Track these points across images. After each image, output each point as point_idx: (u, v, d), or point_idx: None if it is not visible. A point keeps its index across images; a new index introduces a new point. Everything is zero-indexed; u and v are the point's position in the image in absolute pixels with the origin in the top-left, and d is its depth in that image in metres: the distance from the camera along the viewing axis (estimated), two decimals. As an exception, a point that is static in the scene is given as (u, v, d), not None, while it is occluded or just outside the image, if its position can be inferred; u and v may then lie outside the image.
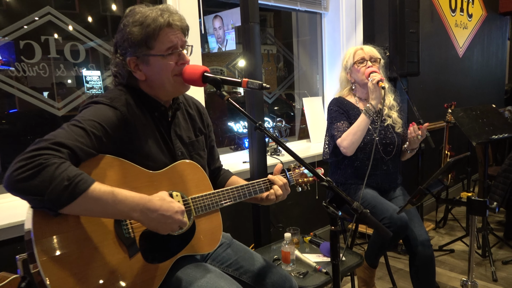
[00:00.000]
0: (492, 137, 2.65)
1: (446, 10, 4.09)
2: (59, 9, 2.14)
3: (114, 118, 1.14)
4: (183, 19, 1.25)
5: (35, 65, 2.10)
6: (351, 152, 1.99)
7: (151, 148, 1.23)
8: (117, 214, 1.05)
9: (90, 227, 1.06)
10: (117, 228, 1.11)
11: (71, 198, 0.95)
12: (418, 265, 1.90)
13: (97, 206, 0.99)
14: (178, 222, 1.11)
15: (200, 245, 1.30)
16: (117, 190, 1.02)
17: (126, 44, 1.20)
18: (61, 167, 0.95)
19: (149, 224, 1.08)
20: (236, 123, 3.40)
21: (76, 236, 1.03)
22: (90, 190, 0.97)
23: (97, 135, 1.08)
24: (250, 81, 1.14)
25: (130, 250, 1.12)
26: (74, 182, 0.95)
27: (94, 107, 1.15)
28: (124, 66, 1.23)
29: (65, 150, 0.99)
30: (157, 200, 1.08)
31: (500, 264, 2.83)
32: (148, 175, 1.20)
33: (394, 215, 1.80)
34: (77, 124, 1.07)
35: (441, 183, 1.46)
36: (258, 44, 2.05)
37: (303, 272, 1.74)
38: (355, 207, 1.03)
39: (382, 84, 1.91)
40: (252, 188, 1.40)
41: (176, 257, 1.23)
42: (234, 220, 2.51)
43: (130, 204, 1.03)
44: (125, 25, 1.20)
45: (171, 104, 1.34)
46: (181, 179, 1.28)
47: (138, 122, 1.21)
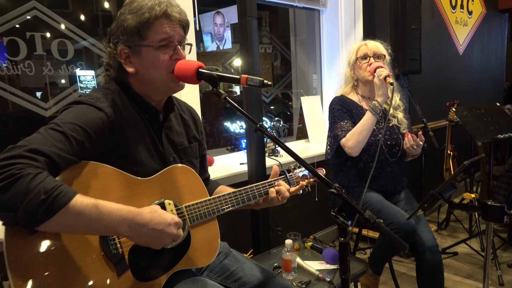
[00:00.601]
0: (497, 137, 2.56)
1: (446, 6, 4.01)
2: (52, 8, 2.06)
3: (98, 120, 1.03)
4: (183, 13, 1.15)
5: (20, 63, 1.99)
6: (356, 152, 1.89)
7: (140, 153, 1.12)
8: (102, 230, 0.94)
9: (72, 244, 0.95)
10: (103, 244, 1.00)
11: (49, 214, 0.84)
12: (426, 273, 1.80)
13: (79, 222, 0.88)
14: (171, 235, 1.00)
15: (197, 258, 1.19)
16: (101, 203, 0.91)
17: (119, 32, 1.11)
18: (36, 178, 0.83)
19: (139, 239, 0.97)
20: (232, 123, 3.30)
21: (56, 255, 0.92)
22: (70, 204, 0.86)
23: (79, 140, 0.97)
24: (250, 77, 1.04)
25: (118, 267, 1.01)
26: (52, 195, 0.84)
27: (76, 107, 1.04)
28: (115, 57, 1.13)
29: (41, 158, 0.88)
30: (147, 212, 0.98)
31: (506, 267, 2.75)
32: (137, 182, 1.09)
33: (401, 220, 1.71)
34: (55, 128, 0.95)
35: (453, 187, 1.36)
36: (256, 40, 1.95)
37: (305, 281, 1.65)
38: (367, 217, 0.93)
39: (390, 80, 1.80)
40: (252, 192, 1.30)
41: (170, 272, 1.13)
42: (231, 225, 2.41)
43: (116, 218, 0.92)
44: (121, 13, 1.12)
45: (164, 106, 1.24)
46: (173, 185, 1.17)
47: (126, 125, 1.10)
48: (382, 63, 1.95)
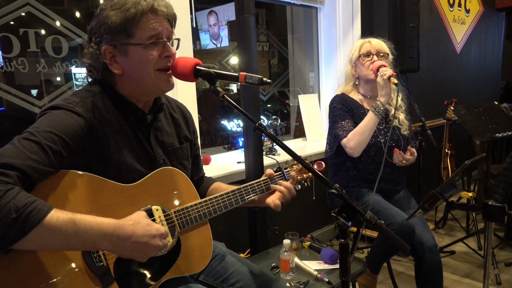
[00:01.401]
0: (496, 135, 2.55)
1: (444, 4, 4.00)
2: (47, 4, 2.03)
3: (76, 126, 0.97)
4: (169, 6, 1.08)
5: (13, 60, 1.96)
6: (358, 153, 1.86)
7: (125, 158, 1.07)
8: (81, 247, 0.90)
9: (53, 260, 0.90)
10: (86, 257, 0.95)
11: (21, 233, 0.79)
12: (425, 272, 1.79)
13: (56, 239, 0.84)
14: (156, 248, 0.96)
15: (188, 265, 1.14)
16: (79, 218, 0.86)
17: (102, 30, 1.03)
18: (6, 196, 0.79)
19: (122, 253, 0.93)
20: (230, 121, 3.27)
21: (35, 273, 0.87)
22: (45, 221, 0.81)
23: (55, 150, 0.92)
24: (249, 75, 1.01)
25: (103, 281, 0.97)
26: (24, 213, 0.79)
27: (52, 114, 0.98)
28: (99, 57, 1.05)
29: (13, 173, 0.83)
30: (129, 225, 0.93)
31: (503, 266, 2.74)
32: (122, 189, 1.04)
33: (400, 221, 1.69)
34: (29, 138, 0.90)
35: (454, 187, 1.35)
36: (254, 37, 1.92)
37: (303, 281, 1.63)
38: (368, 218, 0.91)
39: (394, 80, 1.75)
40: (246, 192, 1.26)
41: (159, 282, 1.08)
42: (228, 225, 2.39)
43: (95, 233, 0.87)
44: (102, 9, 1.03)
45: (152, 106, 1.18)
46: (161, 190, 1.12)
47: (108, 129, 1.04)
48: (385, 61, 1.92)
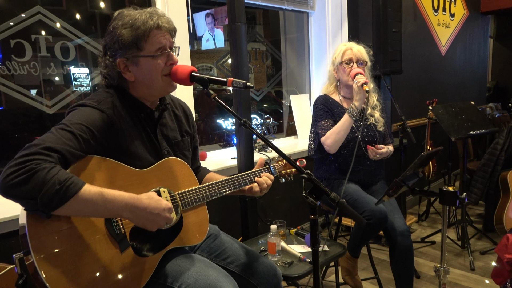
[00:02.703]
0: (470, 133, 2.76)
1: (428, 9, 4.20)
2: (46, 5, 2.14)
3: (100, 120, 1.18)
4: (170, 22, 1.31)
5: (26, 64, 2.13)
6: (334, 150, 2.08)
7: (137, 148, 1.28)
8: (107, 214, 1.11)
9: (82, 225, 1.11)
10: (108, 225, 1.16)
11: (62, 201, 1.00)
12: (398, 255, 2.00)
13: (87, 207, 1.04)
14: (165, 219, 1.17)
15: (188, 237, 1.36)
16: (106, 191, 1.07)
17: (116, 46, 1.25)
18: (52, 171, 0.99)
19: (138, 221, 1.13)
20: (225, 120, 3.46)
21: (68, 234, 1.08)
22: (80, 192, 1.02)
23: (85, 138, 1.12)
24: (235, 80, 1.21)
25: (121, 245, 1.18)
26: (65, 185, 0.99)
27: (81, 110, 1.19)
28: (114, 68, 1.27)
29: (55, 155, 1.03)
30: (145, 199, 1.13)
31: (478, 254, 2.95)
32: (136, 173, 1.25)
33: (375, 208, 1.89)
34: (65, 128, 1.11)
35: (416, 176, 1.55)
36: (245, 44, 2.12)
37: (288, 262, 1.82)
38: (332, 197, 1.11)
39: (366, 88, 1.99)
40: (237, 181, 1.46)
41: (165, 249, 1.29)
42: (222, 215, 2.58)
43: (119, 204, 1.08)
44: (115, 27, 1.25)
45: (158, 105, 1.39)
46: (168, 175, 1.33)
47: (124, 124, 1.26)
48: (363, 68, 2.13)
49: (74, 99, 2.33)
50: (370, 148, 2.07)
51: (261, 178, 1.49)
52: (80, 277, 1.08)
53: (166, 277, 1.26)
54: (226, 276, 1.29)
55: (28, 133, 2.19)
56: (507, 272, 1.97)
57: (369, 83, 2.02)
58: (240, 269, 1.46)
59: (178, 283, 1.24)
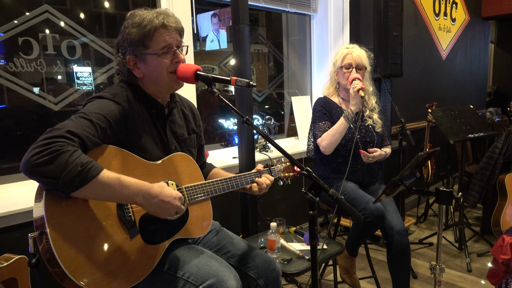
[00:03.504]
0: (468, 136, 2.80)
1: (430, 14, 4.25)
2: (51, 4, 2.19)
3: (116, 112, 1.25)
4: (178, 21, 1.36)
5: (33, 61, 2.18)
6: (329, 151, 2.14)
7: (147, 142, 1.34)
8: (122, 199, 1.16)
9: (96, 210, 1.16)
10: (119, 211, 1.22)
11: (83, 182, 1.05)
12: (395, 254, 2.04)
13: (105, 190, 1.10)
14: (176, 207, 1.22)
15: (193, 230, 1.41)
16: (123, 177, 1.13)
17: (126, 44, 1.32)
18: (74, 154, 1.05)
19: (150, 208, 1.19)
20: (226, 120, 3.51)
21: (83, 217, 1.13)
22: (100, 176, 1.07)
23: (102, 127, 1.19)
24: (239, 79, 1.26)
25: (131, 231, 1.23)
26: (86, 168, 1.05)
27: (98, 101, 1.25)
28: (125, 65, 1.34)
29: (76, 139, 1.09)
30: (158, 187, 1.19)
31: (475, 256, 2.99)
32: (146, 165, 1.31)
33: (372, 207, 1.94)
34: (84, 116, 1.17)
35: (413, 175, 1.59)
36: (248, 45, 2.16)
37: (287, 259, 1.86)
38: (331, 193, 1.15)
39: (361, 93, 2.05)
40: (240, 180, 1.52)
41: (171, 239, 1.35)
42: (223, 213, 2.62)
43: (134, 190, 1.14)
44: (126, 26, 1.32)
45: (168, 102, 1.45)
46: (175, 169, 1.39)
47: (137, 117, 1.32)
48: (361, 74, 2.17)
49: (76, 98, 2.37)
50: (362, 152, 2.12)
51: (261, 178, 1.56)
52: (92, 258, 1.12)
53: (170, 266, 1.32)
54: (227, 267, 1.33)
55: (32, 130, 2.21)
56: (502, 273, 2.00)
57: (366, 88, 2.08)
58: (240, 263, 1.50)
59: (182, 271, 1.29)
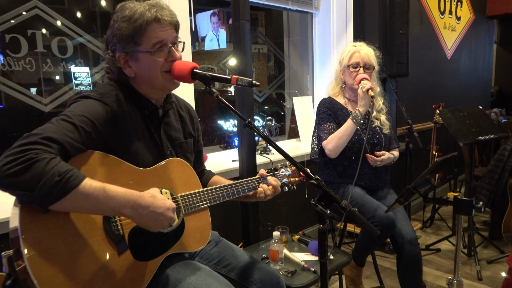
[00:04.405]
0: (478, 138, 2.69)
1: (435, 12, 4.14)
2: (48, 3, 2.10)
3: (104, 113, 1.13)
4: (173, 14, 1.22)
5: (21, 60, 2.06)
6: (335, 155, 2.01)
7: (139, 146, 1.22)
8: (108, 211, 1.04)
9: (79, 224, 1.04)
10: (106, 224, 1.09)
11: (61, 194, 0.93)
12: (405, 264, 1.92)
13: (87, 202, 0.97)
14: (169, 219, 1.10)
15: (190, 243, 1.29)
16: (108, 186, 1.01)
17: (115, 40, 1.19)
18: (51, 162, 0.93)
19: (140, 220, 1.06)
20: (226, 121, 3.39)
21: (64, 232, 1.01)
22: (81, 186, 0.95)
23: (87, 131, 1.07)
24: (240, 78, 1.14)
25: (119, 247, 1.11)
26: (65, 177, 0.93)
27: (84, 101, 1.13)
28: (114, 63, 1.22)
29: (55, 145, 0.97)
30: (149, 196, 1.07)
31: (485, 263, 2.87)
32: (137, 172, 1.19)
33: (382, 214, 1.82)
34: (66, 119, 1.04)
35: (428, 183, 1.47)
36: (249, 42, 2.05)
37: (291, 270, 1.75)
38: (343, 206, 1.03)
39: (371, 93, 1.93)
40: (242, 186, 1.40)
41: (165, 254, 1.22)
42: (222, 219, 2.50)
43: (121, 200, 1.02)
44: (115, 20, 1.19)
45: (164, 103, 1.33)
46: (170, 176, 1.27)
47: (127, 119, 1.19)
48: (369, 73, 2.06)
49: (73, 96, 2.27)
50: (369, 156, 2.01)
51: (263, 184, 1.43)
52: (74, 278, 1.00)
53: (164, 285, 1.19)
54: (228, 286, 1.21)
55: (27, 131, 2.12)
56: (518, 284, 1.89)
57: (374, 88, 1.96)
58: (241, 277, 1.38)
59: None
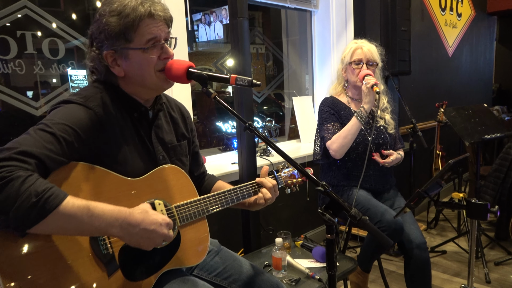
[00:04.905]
0: (484, 137, 2.61)
1: (436, 9, 4.07)
2: (43, 6, 2.04)
3: (87, 119, 1.03)
4: (166, 9, 1.13)
5: (10, 62, 1.98)
6: (340, 155, 1.93)
7: (129, 153, 1.12)
8: (93, 231, 0.95)
9: (62, 245, 0.95)
10: (93, 244, 1.00)
11: (40, 216, 0.84)
12: (414, 269, 1.84)
13: (70, 223, 0.88)
14: (162, 236, 1.01)
15: (186, 257, 1.19)
16: (93, 204, 0.92)
17: (103, 36, 1.08)
18: (27, 181, 0.83)
19: (130, 240, 0.98)
20: (224, 123, 3.32)
21: (46, 256, 0.92)
22: (62, 206, 0.86)
23: (68, 141, 0.97)
24: (239, 77, 1.06)
25: (108, 267, 1.02)
26: (43, 198, 0.84)
27: (65, 107, 1.03)
28: (101, 61, 1.11)
29: (31, 160, 0.88)
30: (139, 213, 0.98)
31: (493, 265, 2.79)
32: (127, 183, 1.09)
33: (389, 219, 1.74)
34: (45, 129, 0.95)
35: (439, 186, 1.39)
36: (247, 40, 1.97)
37: (295, 279, 1.67)
38: (353, 214, 0.95)
39: (376, 89, 1.85)
40: (240, 193, 1.31)
41: (160, 272, 1.13)
42: (222, 224, 2.42)
43: (108, 219, 0.93)
44: (101, 14, 1.08)
45: (153, 104, 1.23)
46: (163, 185, 1.17)
47: (114, 124, 1.10)
48: (372, 70, 1.98)
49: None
50: (376, 158, 1.94)
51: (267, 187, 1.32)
52: (60, 307, 0.91)
53: None
54: None
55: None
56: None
57: (379, 85, 1.88)
58: (243, 289, 1.30)
59: None
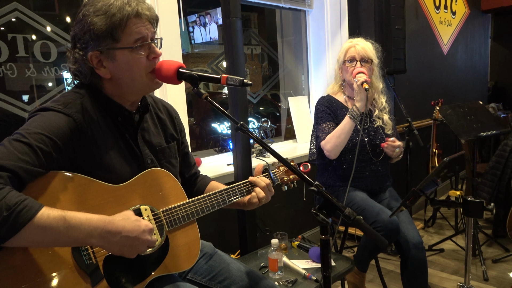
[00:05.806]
0: (480, 134, 2.61)
1: (430, 7, 4.07)
2: (38, 10, 2.02)
3: (65, 127, 0.99)
4: (151, 9, 1.11)
5: (1, 65, 1.96)
6: (334, 155, 1.92)
7: (113, 159, 1.09)
8: (72, 242, 0.92)
9: (43, 258, 0.92)
10: (76, 254, 0.97)
11: (13, 230, 0.81)
12: (411, 269, 1.83)
13: (46, 236, 0.86)
14: (145, 242, 0.99)
15: (176, 263, 1.16)
16: (70, 214, 0.89)
17: (88, 37, 1.04)
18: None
19: (112, 248, 0.95)
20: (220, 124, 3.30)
21: (26, 270, 0.89)
22: (36, 218, 0.84)
23: (45, 151, 0.93)
24: (230, 77, 1.04)
25: (92, 278, 0.99)
26: (15, 211, 0.81)
27: (42, 115, 0.99)
28: (86, 63, 1.07)
29: (4, 174, 0.85)
30: (119, 220, 0.95)
31: (490, 263, 2.79)
32: (111, 189, 1.06)
33: (385, 218, 1.73)
34: (20, 139, 0.91)
35: (435, 184, 1.38)
36: (240, 40, 1.95)
37: (291, 280, 1.65)
38: (347, 214, 0.93)
39: (365, 86, 1.83)
40: (232, 193, 1.28)
41: (148, 279, 1.10)
42: (218, 226, 2.40)
43: (86, 229, 0.90)
44: (85, 15, 1.05)
45: (139, 106, 1.20)
46: (149, 190, 1.14)
47: (96, 130, 1.06)
48: (367, 68, 1.96)
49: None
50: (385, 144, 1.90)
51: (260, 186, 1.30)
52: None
53: None
54: None
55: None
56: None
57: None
58: (238, 293, 1.28)
59: None
